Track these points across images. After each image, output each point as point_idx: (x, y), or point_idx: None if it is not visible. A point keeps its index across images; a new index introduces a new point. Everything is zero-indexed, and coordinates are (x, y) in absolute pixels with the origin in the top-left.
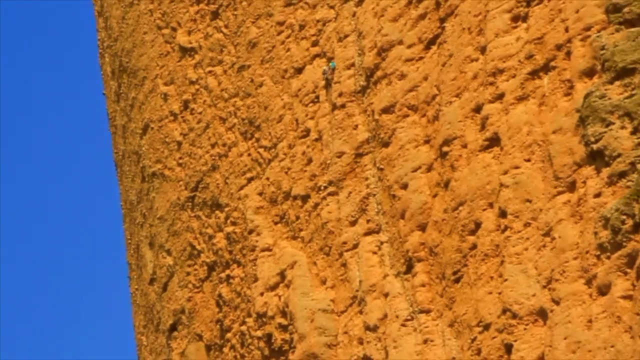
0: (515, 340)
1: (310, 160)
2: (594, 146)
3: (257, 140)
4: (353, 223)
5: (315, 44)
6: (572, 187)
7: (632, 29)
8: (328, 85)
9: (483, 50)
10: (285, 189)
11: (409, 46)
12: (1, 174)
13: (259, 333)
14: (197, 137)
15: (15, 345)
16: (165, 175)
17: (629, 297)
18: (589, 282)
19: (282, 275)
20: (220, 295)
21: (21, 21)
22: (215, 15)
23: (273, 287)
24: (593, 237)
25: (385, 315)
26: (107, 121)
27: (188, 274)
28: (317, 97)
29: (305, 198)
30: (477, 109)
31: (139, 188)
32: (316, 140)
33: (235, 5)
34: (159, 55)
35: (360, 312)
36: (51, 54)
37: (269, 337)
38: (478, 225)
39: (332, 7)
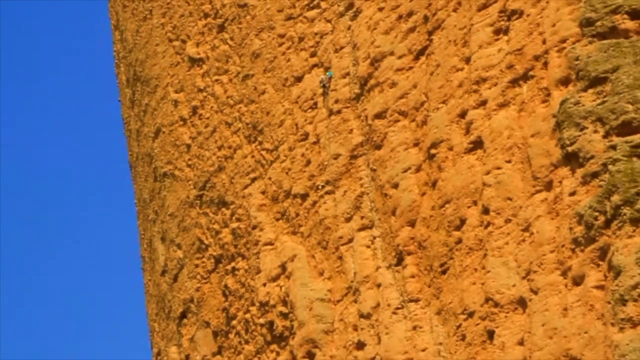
0: (497, 327)
1: (309, 162)
2: (569, 149)
3: (260, 143)
4: (348, 219)
5: (313, 54)
6: (549, 186)
7: (604, 41)
8: (325, 92)
9: (467, 60)
10: (286, 188)
11: (400, 57)
12: (25, 174)
13: (261, 320)
14: (204, 140)
15: (37, 341)
16: (175, 175)
17: (601, 287)
18: (564, 274)
19: (283, 267)
20: (226, 286)
21: (42, 30)
22: (221, 28)
23: (275, 279)
24: (568, 232)
25: (378, 304)
26: (122, 126)
27: (197, 266)
28: (315, 103)
29: (304, 196)
30: (462, 115)
31: (151, 187)
32: (314, 143)
33: (240, 19)
34: (169, 65)
35: (355, 301)
36: (70, 64)
37: (271, 324)
38: (463, 221)
39: (329, 21)
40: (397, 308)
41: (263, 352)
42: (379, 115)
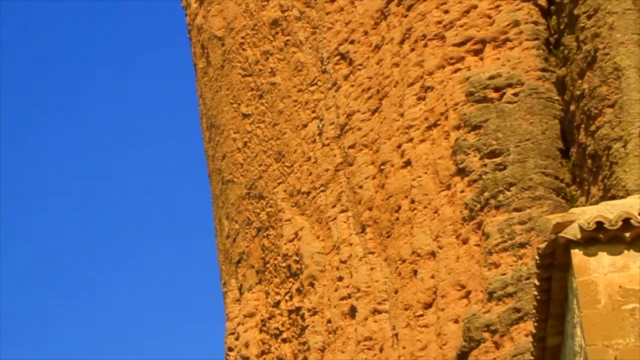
0: (418, 268)
1: (311, 173)
2: (460, 166)
3: (283, 162)
4: (333, 206)
5: (313, 111)
6: (448, 187)
7: (479, 105)
8: (320, 133)
9: (402, 115)
10: (298, 188)
11: (363, 113)
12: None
13: (284, 264)
14: (251, 161)
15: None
16: (234, 181)
17: (478, 245)
18: (457, 237)
19: (296, 234)
20: (263, 245)
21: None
22: (260, 97)
23: (291, 240)
24: (460, 214)
25: (350, 255)
26: (204, 152)
27: (246, 233)
28: (314, 140)
29: (308, 193)
30: (399, 146)
31: (220, 188)
32: (314, 162)
33: (271, 91)
34: (231, 118)
35: (337, 253)
36: (175, 119)
37: (289, 266)
38: (399, 207)
39: (322, 92)
40: (362, 257)
41: (285, 282)
42: (351, 147)
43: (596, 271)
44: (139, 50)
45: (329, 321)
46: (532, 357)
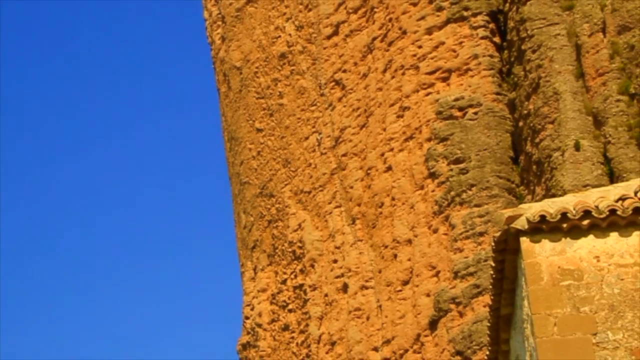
0: (398, 252)
1: (311, 176)
2: (431, 170)
3: (289, 167)
4: (330, 203)
5: (313, 126)
6: (422, 187)
7: (447, 121)
8: (319, 144)
9: (384, 129)
10: (301, 188)
11: (353, 127)
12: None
13: (289, 249)
14: (263, 167)
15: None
16: (250, 183)
17: (446, 234)
18: (429, 227)
19: (299, 225)
20: (273, 234)
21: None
22: (271, 115)
23: (295, 230)
24: (431, 208)
25: (343, 242)
26: (226, 159)
27: (260, 224)
28: (314, 149)
29: (309, 192)
30: (382, 154)
31: (238, 188)
32: (314, 167)
33: (280, 111)
34: (247, 132)
35: (333, 240)
36: (201, 135)
37: (294, 251)
38: (382, 203)
39: (320, 112)
40: (352, 244)
41: (290, 264)
42: (344, 155)
43: (540, 255)
44: (172, 80)
45: (326, 295)
46: (488, 324)
